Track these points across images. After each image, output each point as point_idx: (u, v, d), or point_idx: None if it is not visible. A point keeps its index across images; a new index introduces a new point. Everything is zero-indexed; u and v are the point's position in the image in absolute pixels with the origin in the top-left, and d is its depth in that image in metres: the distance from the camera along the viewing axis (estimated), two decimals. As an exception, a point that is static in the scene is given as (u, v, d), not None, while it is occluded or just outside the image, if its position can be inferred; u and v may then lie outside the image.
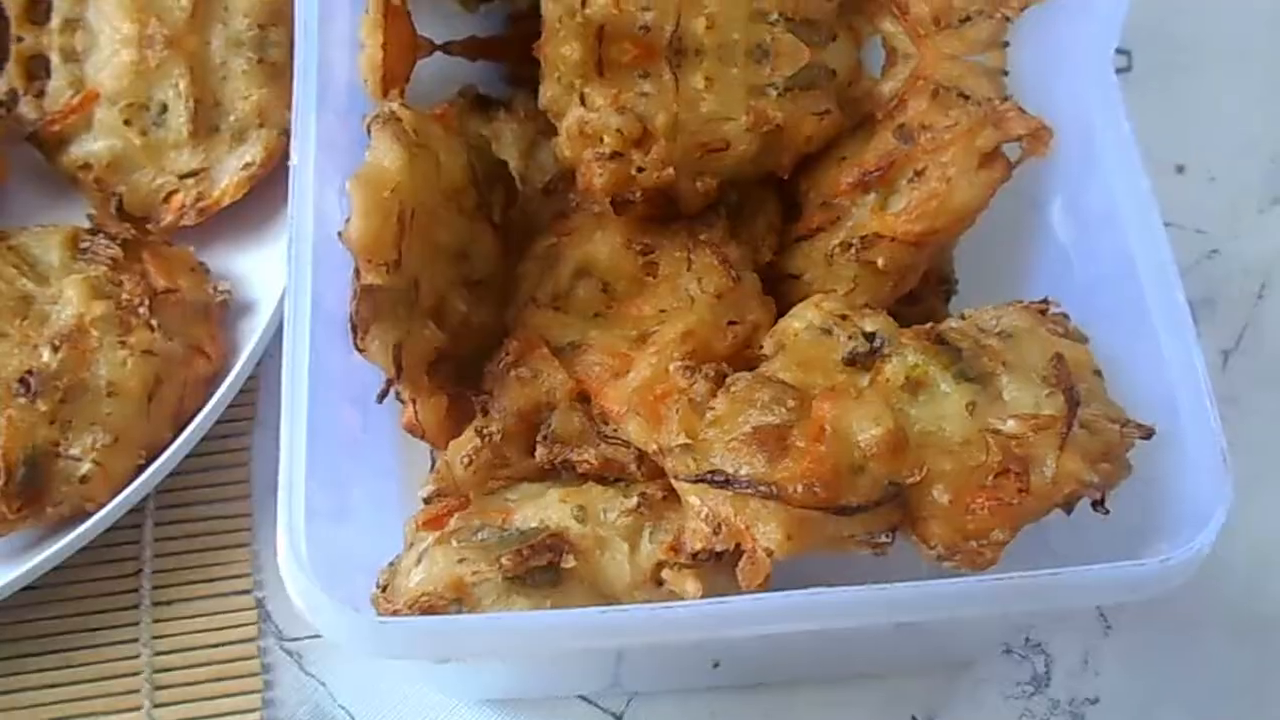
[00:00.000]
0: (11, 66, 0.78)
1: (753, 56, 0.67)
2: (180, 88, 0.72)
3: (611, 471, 0.57)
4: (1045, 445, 0.46)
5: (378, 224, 0.55)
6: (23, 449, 0.61)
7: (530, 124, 0.79)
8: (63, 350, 0.64)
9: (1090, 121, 0.64)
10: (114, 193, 0.75)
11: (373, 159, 0.57)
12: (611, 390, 0.58)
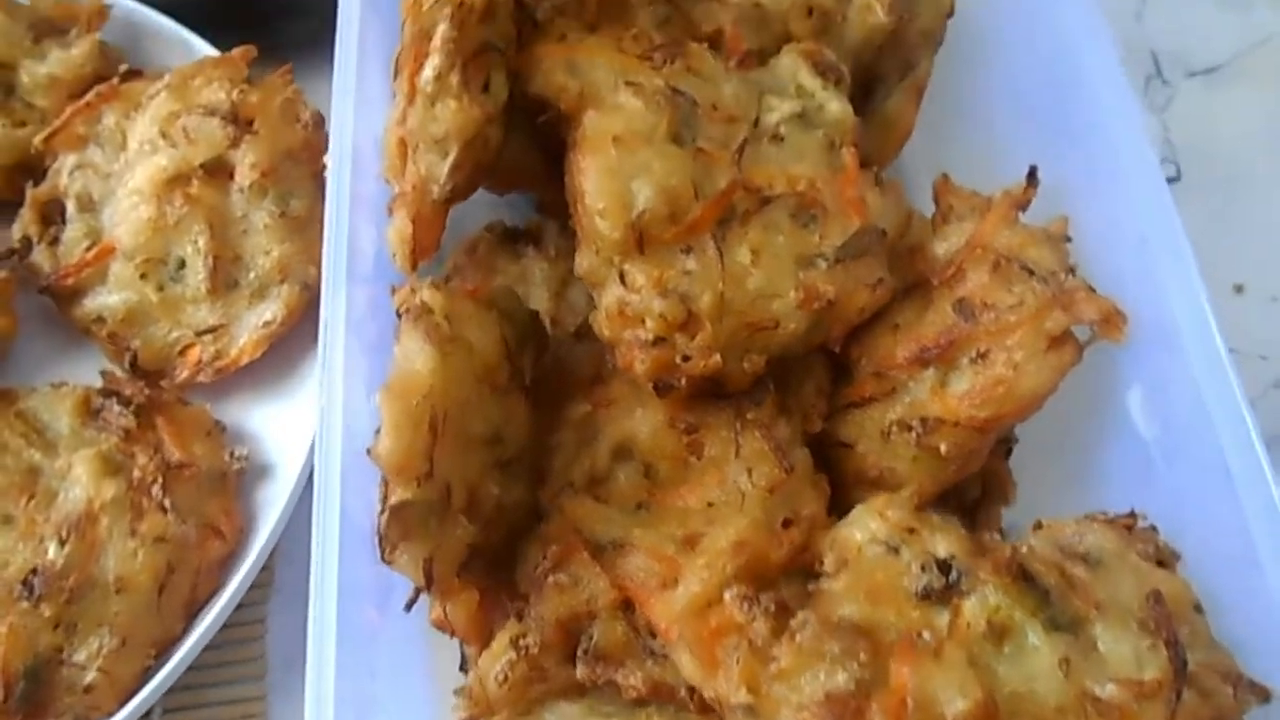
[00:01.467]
0: (26, 212, 0.76)
1: (799, 220, 0.63)
2: (200, 244, 0.69)
3: (660, 698, 0.53)
4: (1152, 716, 0.42)
5: (408, 438, 0.51)
6: (24, 659, 0.58)
7: (561, 263, 0.76)
8: (70, 543, 0.60)
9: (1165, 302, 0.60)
10: (128, 347, 0.72)
11: (403, 364, 0.53)
12: (659, 603, 0.54)
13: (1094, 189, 0.72)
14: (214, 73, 0.74)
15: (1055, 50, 0.79)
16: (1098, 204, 0.72)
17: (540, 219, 0.79)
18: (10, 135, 0.76)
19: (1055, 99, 0.80)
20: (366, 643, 0.57)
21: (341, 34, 0.63)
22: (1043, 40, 0.80)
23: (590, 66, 0.64)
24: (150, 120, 0.72)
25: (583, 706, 0.54)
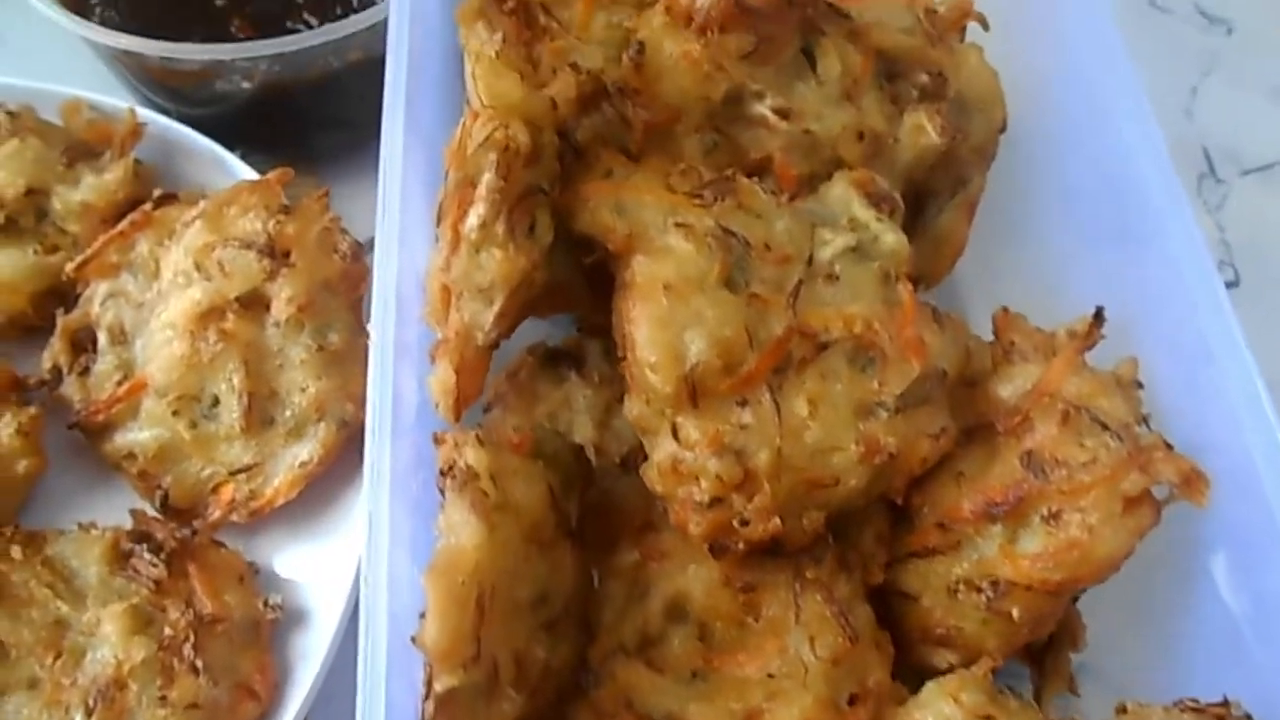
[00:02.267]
0: (56, 341, 0.74)
1: (857, 364, 0.61)
2: (234, 381, 0.68)
3: None
4: None
5: (455, 621, 0.49)
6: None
7: (605, 389, 0.73)
8: (97, 713, 0.58)
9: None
10: (159, 485, 0.70)
11: (450, 541, 0.51)
12: (720, 790, 0.51)
13: (1153, 303, 0.70)
14: (250, 200, 0.72)
15: (1108, 157, 0.77)
16: (1157, 320, 0.69)
17: (580, 337, 0.77)
18: (41, 262, 0.75)
19: (1109, 208, 0.78)
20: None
21: (384, 178, 0.61)
22: (1095, 148, 0.78)
23: (638, 206, 0.63)
24: (184, 251, 0.71)
25: None
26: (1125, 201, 0.76)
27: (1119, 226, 0.76)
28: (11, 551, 0.66)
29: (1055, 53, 0.80)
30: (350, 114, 0.87)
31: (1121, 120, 0.75)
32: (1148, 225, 0.74)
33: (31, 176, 0.74)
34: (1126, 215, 0.76)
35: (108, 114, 0.81)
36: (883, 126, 0.71)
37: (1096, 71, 0.77)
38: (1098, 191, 0.79)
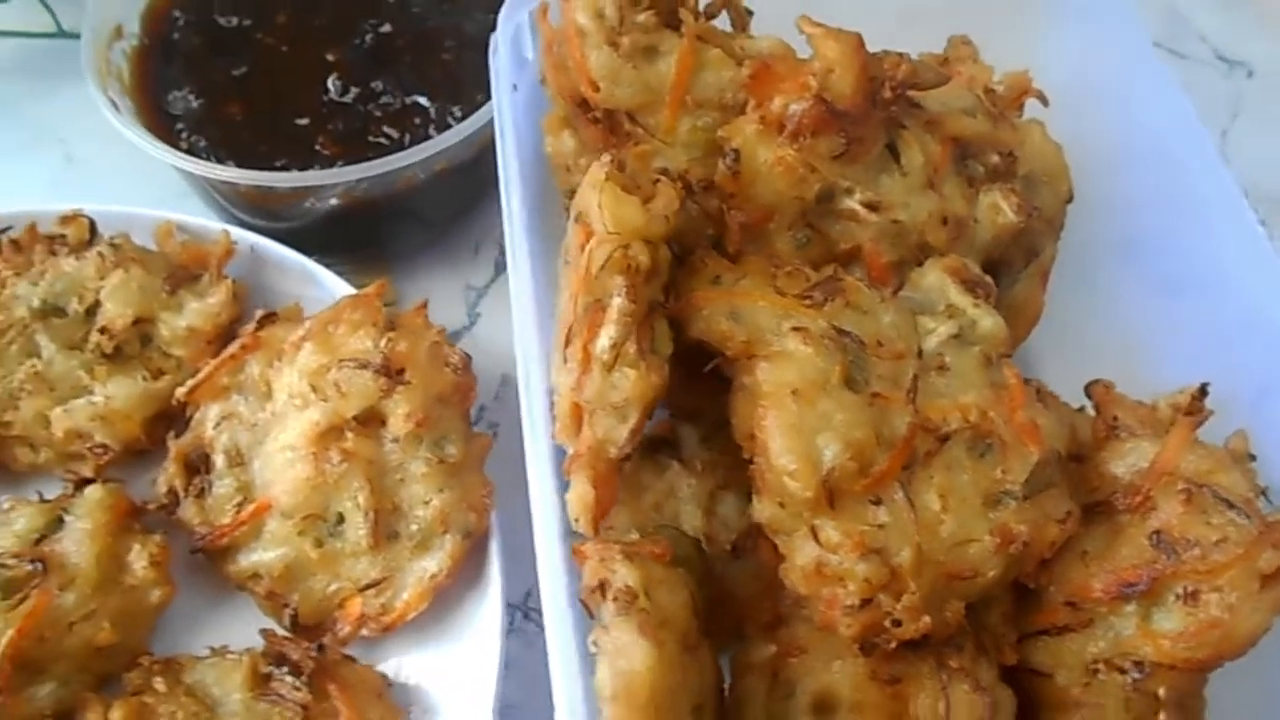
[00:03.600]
0: (170, 465, 0.75)
1: (977, 452, 0.63)
2: (359, 499, 0.69)
3: None
4: None
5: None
6: None
7: (708, 477, 0.75)
8: (270, 844, 0.59)
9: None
10: (287, 604, 0.71)
11: (621, 663, 0.52)
12: None
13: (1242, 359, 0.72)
14: (354, 316, 0.74)
15: (1177, 212, 0.79)
16: (1242, 373, 0.72)
17: (673, 421, 0.78)
18: (150, 388, 0.76)
19: (1179, 264, 0.80)
20: None
21: (518, 300, 0.63)
22: (1162, 206, 0.80)
23: (752, 312, 0.65)
24: (298, 374, 0.72)
25: None
26: (1195, 257, 0.79)
27: (1192, 280, 0.79)
28: (154, 684, 0.67)
29: (1114, 118, 0.83)
30: (427, 216, 0.90)
31: (1191, 174, 0.78)
32: (1224, 275, 0.76)
33: (138, 306, 0.76)
34: (1199, 269, 0.79)
35: (198, 234, 0.83)
36: (964, 210, 0.74)
37: (1159, 129, 0.80)
38: (1166, 249, 0.82)
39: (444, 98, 0.83)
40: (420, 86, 0.84)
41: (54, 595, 0.67)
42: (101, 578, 0.68)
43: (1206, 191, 0.76)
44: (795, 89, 0.67)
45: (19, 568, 0.67)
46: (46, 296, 0.76)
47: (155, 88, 0.85)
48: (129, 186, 0.86)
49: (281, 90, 0.84)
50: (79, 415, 0.75)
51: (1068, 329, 0.81)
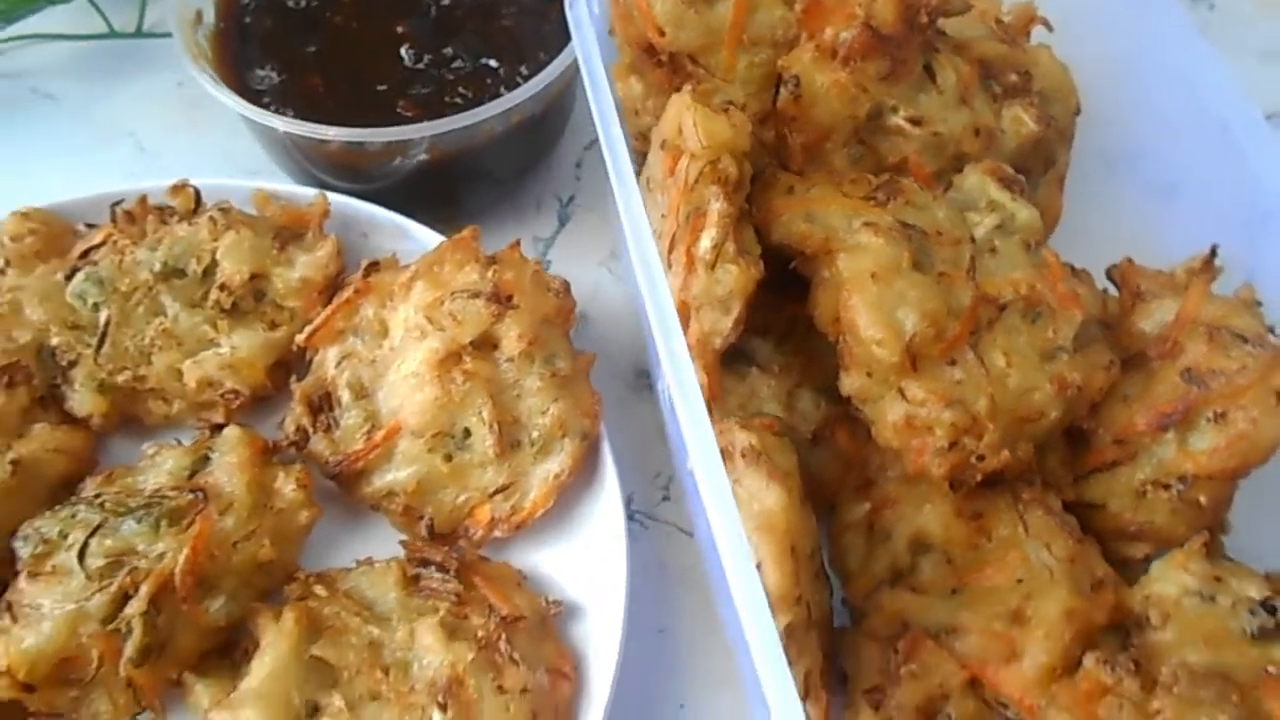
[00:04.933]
0: (296, 406, 0.82)
1: (1030, 319, 0.73)
2: (484, 414, 0.77)
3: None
4: None
5: (787, 567, 0.59)
6: (440, 819, 0.63)
7: (785, 378, 0.84)
8: (451, 708, 0.66)
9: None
10: (422, 516, 0.79)
11: (756, 504, 0.61)
12: (1008, 675, 0.62)
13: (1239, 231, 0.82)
14: (455, 256, 0.81)
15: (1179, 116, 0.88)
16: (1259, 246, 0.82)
17: (746, 335, 0.87)
18: (270, 337, 0.83)
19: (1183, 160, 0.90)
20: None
21: (628, 220, 0.70)
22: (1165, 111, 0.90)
23: (825, 214, 0.74)
24: (414, 308, 0.80)
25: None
26: (1194, 154, 0.88)
27: (1187, 182, 0.90)
28: (315, 591, 0.74)
29: (1114, 39, 0.93)
30: (498, 171, 0.98)
31: (1193, 81, 0.86)
32: (1227, 165, 0.85)
33: (253, 262, 0.83)
34: (1194, 171, 0.89)
35: (290, 199, 0.90)
36: (992, 122, 0.84)
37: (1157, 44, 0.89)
38: (1162, 154, 0.92)
39: (510, 60, 0.91)
40: (487, 50, 0.92)
41: (215, 519, 0.73)
42: (254, 503, 0.75)
43: (1207, 93, 0.85)
44: (844, 19, 0.76)
45: (181, 498, 0.74)
46: (167, 259, 0.83)
47: (238, 65, 0.91)
48: (201, 171, 0.92)
49: (358, 62, 0.91)
50: (209, 365, 0.81)
51: (1078, 230, 0.92)
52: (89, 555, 0.71)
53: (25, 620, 0.69)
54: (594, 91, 0.74)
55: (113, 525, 0.72)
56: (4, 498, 0.74)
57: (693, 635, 0.81)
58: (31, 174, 1.04)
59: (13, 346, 0.79)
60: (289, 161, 0.94)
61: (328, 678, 0.70)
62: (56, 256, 0.85)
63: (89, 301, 0.81)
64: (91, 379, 0.80)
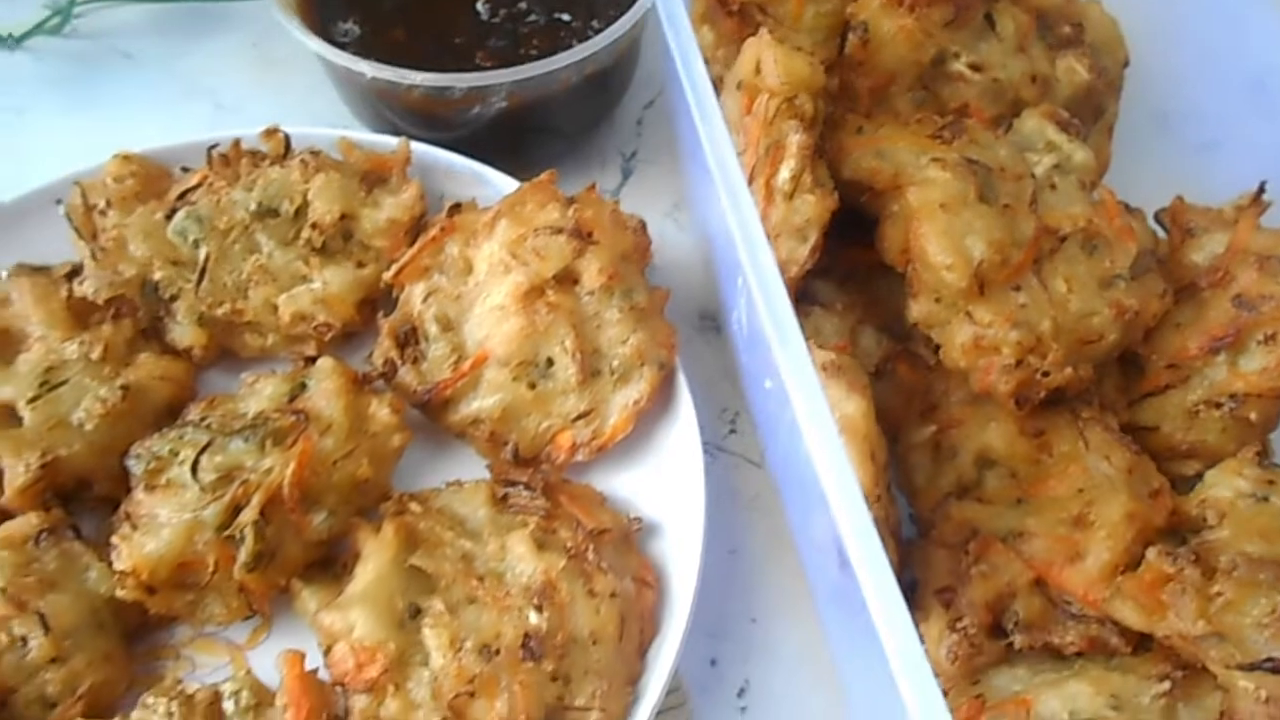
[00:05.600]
0: (384, 340, 0.87)
1: (1087, 250, 0.77)
2: (567, 344, 0.81)
3: (1096, 649, 0.64)
4: None
5: (869, 468, 0.64)
6: (539, 711, 0.67)
7: (848, 315, 0.88)
8: (546, 609, 0.71)
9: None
10: (506, 441, 0.83)
11: (839, 411, 0.65)
12: (1073, 573, 0.66)
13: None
14: (536, 197, 0.86)
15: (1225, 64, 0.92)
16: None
17: (808, 278, 0.91)
18: (359, 275, 0.88)
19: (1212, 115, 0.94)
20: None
21: (713, 155, 0.74)
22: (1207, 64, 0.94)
23: (894, 151, 0.78)
24: (498, 245, 0.84)
25: (1026, 669, 0.65)
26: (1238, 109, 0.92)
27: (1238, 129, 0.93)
28: (411, 507, 0.78)
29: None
30: (567, 123, 1.02)
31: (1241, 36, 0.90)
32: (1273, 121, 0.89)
33: (343, 203, 0.87)
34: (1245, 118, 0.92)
35: (371, 147, 0.94)
36: (1048, 70, 0.88)
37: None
38: (1214, 103, 0.96)
39: (582, 14, 0.95)
40: (559, 5, 0.96)
41: (316, 440, 0.78)
42: (351, 426, 0.79)
43: (1253, 48, 0.89)
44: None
45: (284, 419, 0.78)
46: (261, 200, 0.87)
47: (322, 18, 0.95)
48: (264, 118, 0.96)
49: (437, 15, 0.95)
50: (302, 300, 0.86)
51: (1124, 179, 0.95)
52: (201, 470, 0.75)
53: (145, 528, 0.73)
54: (674, 33, 0.78)
55: (221, 444, 0.77)
56: (115, 421, 0.79)
57: (762, 556, 0.86)
58: (115, 129, 1.08)
59: (119, 280, 0.84)
60: (368, 111, 0.99)
61: (426, 585, 0.74)
62: (154, 198, 0.89)
63: (190, 238, 0.86)
64: (192, 312, 0.85)
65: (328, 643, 0.72)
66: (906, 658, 0.50)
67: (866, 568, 0.54)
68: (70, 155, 0.92)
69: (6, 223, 0.88)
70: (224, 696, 0.68)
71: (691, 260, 1.01)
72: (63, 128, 1.09)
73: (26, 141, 1.09)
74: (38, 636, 0.68)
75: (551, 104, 0.95)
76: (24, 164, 1.07)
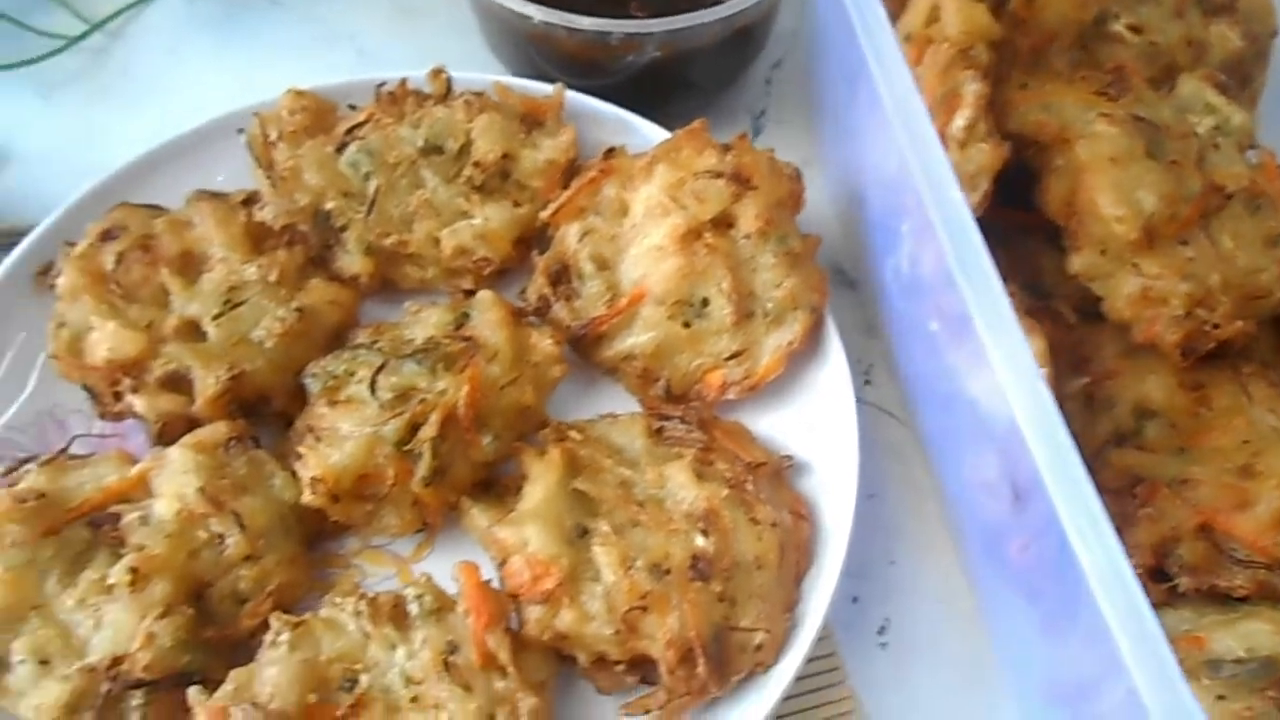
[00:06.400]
0: (539, 277, 0.89)
1: (1250, 209, 0.78)
2: (723, 285, 0.83)
3: (1264, 594, 0.66)
4: None
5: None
6: (708, 628, 0.70)
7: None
8: (712, 535, 0.73)
9: None
10: (658, 378, 0.86)
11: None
12: (1242, 520, 0.67)
13: None
14: (691, 143, 0.88)
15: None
16: None
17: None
18: (516, 213, 0.90)
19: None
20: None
21: (889, 85, 0.75)
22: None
23: (1061, 106, 0.80)
24: (657, 188, 0.86)
25: (1190, 611, 0.67)
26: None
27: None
28: (571, 434, 0.81)
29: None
30: (705, 79, 1.04)
31: None
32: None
33: (505, 143, 0.90)
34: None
35: (524, 91, 0.97)
36: (1204, 35, 0.89)
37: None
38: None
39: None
40: (709, -43, 0.98)
41: (484, 365, 0.81)
42: (514, 354, 0.82)
43: None
44: (1079, -74, 0.82)
45: (454, 345, 0.81)
46: (428, 137, 0.90)
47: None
48: (406, 63, 0.99)
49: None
50: (464, 235, 0.89)
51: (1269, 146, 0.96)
52: (378, 389, 0.79)
53: (328, 440, 0.77)
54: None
55: (394, 366, 0.80)
56: (292, 341, 0.83)
57: (900, 502, 0.88)
58: (261, 71, 1.13)
59: (294, 208, 0.88)
60: (518, 56, 1.01)
61: (589, 508, 0.77)
62: (321, 133, 0.92)
63: (361, 171, 0.89)
64: (360, 242, 0.88)
65: (501, 556, 0.75)
66: (1112, 579, 0.52)
67: (1065, 498, 0.56)
68: (219, 94, 0.98)
69: (183, 151, 0.93)
70: (408, 600, 0.71)
71: (825, 217, 1.03)
72: (212, 68, 1.13)
73: (178, 80, 1.13)
74: (234, 535, 0.72)
75: (697, 57, 0.97)
76: (177, 100, 1.12)
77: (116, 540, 0.71)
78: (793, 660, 0.71)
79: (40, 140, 0.96)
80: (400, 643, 0.70)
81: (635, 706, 0.71)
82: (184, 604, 0.69)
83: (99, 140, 1.06)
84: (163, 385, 0.78)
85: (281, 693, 0.66)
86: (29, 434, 0.82)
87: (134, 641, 0.66)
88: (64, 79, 1.10)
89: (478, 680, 0.68)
